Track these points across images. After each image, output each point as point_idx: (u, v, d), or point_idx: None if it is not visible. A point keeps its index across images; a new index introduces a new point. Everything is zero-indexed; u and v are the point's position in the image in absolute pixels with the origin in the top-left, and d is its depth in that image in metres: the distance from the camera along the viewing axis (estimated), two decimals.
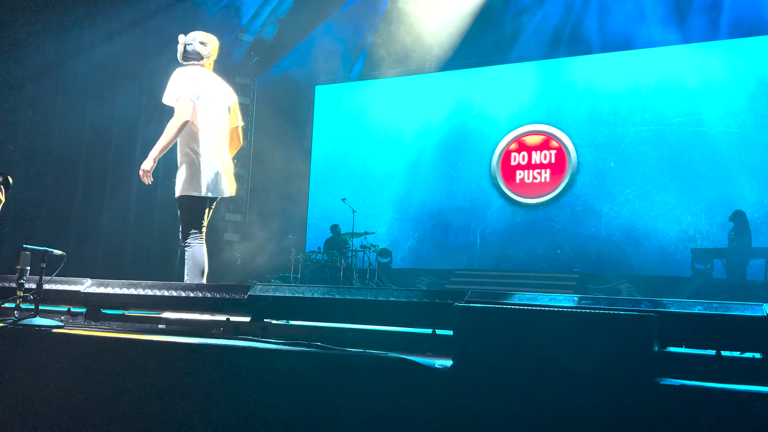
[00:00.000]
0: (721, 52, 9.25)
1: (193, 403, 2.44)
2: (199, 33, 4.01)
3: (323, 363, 2.29)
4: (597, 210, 9.75)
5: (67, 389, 2.67)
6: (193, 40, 3.95)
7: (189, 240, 3.88)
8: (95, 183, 9.01)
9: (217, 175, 3.91)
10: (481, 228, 10.49)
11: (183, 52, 3.96)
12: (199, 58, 3.96)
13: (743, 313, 2.10)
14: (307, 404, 2.22)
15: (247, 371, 2.40)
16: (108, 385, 2.61)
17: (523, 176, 10.30)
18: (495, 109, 10.60)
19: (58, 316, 3.33)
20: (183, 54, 3.96)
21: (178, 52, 3.98)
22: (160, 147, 3.76)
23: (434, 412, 2.02)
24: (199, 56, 3.95)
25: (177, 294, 3.16)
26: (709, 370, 2.07)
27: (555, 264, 9.84)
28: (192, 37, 3.97)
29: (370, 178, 11.32)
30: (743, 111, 8.98)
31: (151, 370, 2.57)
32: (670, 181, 9.32)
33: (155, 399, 2.52)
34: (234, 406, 2.36)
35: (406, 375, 2.09)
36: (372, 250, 9.93)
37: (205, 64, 3.99)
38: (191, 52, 3.95)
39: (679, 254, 9.02)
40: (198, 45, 3.95)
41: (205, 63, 3.99)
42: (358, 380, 2.18)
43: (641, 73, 9.66)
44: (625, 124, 9.71)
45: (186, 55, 3.96)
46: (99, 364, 2.67)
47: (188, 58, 3.96)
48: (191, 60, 3.96)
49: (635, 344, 1.82)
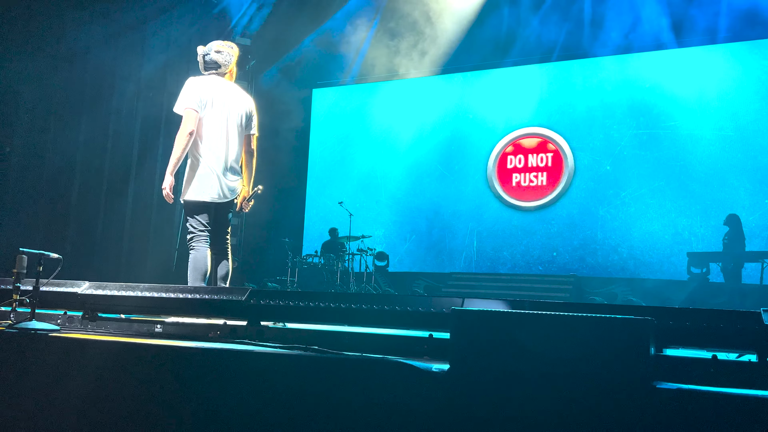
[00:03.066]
0: (716, 56, 9.30)
1: (190, 407, 2.44)
2: (217, 42, 4.10)
3: (321, 366, 2.30)
4: (593, 213, 9.77)
5: (63, 393, 2.66)
6: (209, 50, 4.04)
7: (193, 243, 3.90)
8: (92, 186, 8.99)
9: (219, 180, 3.93)
10: (478, 231, 10.50)
11: (203, 63, 4.06)
12: (216, 66, 4.04)
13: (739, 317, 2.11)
14: (305, 408, 2.22)
15: (244, 375, 2.39)
16: (105, 389, 2.61)
17: (519, 179, 10.32)
18: (492, 113, 10.63)
19: (54, 320, 3.32)
20: (203, 65, 4.07)
21: (199, 63, 4.08)
22: (173, 161, 3.86)
23: (431, 416, 2.02)
24: (216, 65, 4.03)
25: (174, 297, 3.16)
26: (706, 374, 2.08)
27: (551, 267, 9.86)
28: (209, 47, 4.06)
29: (367, 182, 11.33)
30: (738, 115, 9.03)
31: (148, 374, 2.56)
32: (665, 184, 9.36)
33: (152, 403, 2.52)
34: (231, 410, 2.36)
35: (404, 379, 2.10)
36: (369, 253, 9.93)
37: (224, 72, 4.06)
38: (209, 62, 4.04)
39: (674, 257, 9.05)
40: (214, 54, 4.03)
41: (224, 71, 4.06)
42: (355, 384, 2.18)
43: (637, 77, 9.71)
44: (621, 128, 9.75)
45: (205, 65, 4.06)
46: (95, 368, 2.67)
47: (208, 68, 4.06)
48: (210, 69, 4.05)
49: (632, 348, 1.82)
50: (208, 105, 3.92)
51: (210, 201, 3.94)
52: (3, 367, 2.82)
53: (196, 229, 3.92)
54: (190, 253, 3.89)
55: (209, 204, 3.95)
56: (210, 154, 3.92)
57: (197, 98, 3.89)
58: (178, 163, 3.87)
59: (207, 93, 3.93)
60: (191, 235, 3.92)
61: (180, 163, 3.89)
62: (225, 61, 4.03)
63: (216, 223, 4.03)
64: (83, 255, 8.44)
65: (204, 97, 3.91)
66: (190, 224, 3.93)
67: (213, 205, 3.98)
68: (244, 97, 4.14)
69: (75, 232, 8.76)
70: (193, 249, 3.89)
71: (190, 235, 3.93)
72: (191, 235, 3.92)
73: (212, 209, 3.99)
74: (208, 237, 3.94)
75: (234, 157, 4.04)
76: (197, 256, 3.87)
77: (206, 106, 3.92)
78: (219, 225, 4.05)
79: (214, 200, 3.95)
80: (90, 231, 8.89)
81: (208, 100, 3.92)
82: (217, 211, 4.03)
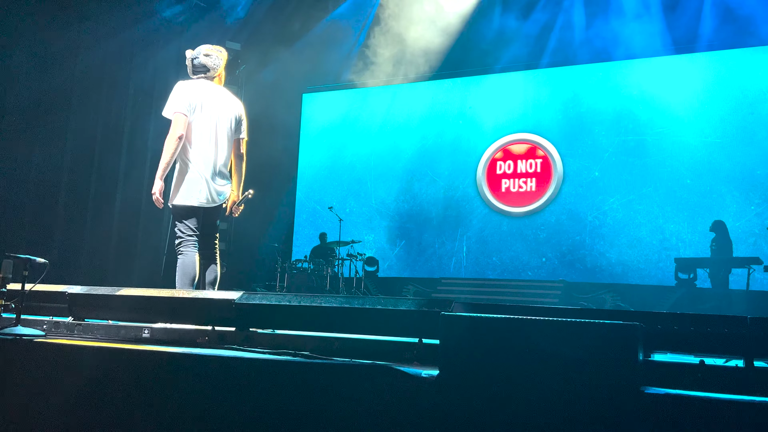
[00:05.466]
0: (702, 63, 9.40)
1: (178, 413, 2.42)
2: (205, 46, 4.07)
3: (310, 372, 2.28)
4: (581, 219, 9.82)
5: (48, 399, 2.63)
6: (198, 54, 4.02)
7: (181, 248, 3.87)
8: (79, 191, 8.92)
9: (207, 184, 3.91)
10: (467, 236, 10.52)
11: (191, 67, 4.03)
12: (205, 70, 4.01)
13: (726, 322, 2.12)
14: (294, 414, 2.21)
15: (232, 381, 2.38)
16: (91, 394, 2.58)
17: (508, 185, 10.36)
18: (481, 119, 10.67)
19: (40, 325, 3.28)
20: (192, 68, 4.03)
21: (187, 67, 4.04)
22: (162, 166, 3.83)
23: (420, 421, 2.02)
24: (205, 69, 4.01)
25: (163, 296, 3.13)
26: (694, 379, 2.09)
27: (540, 272, 9.90)
28: (198, 50, 4.04)
29: (357, 187, 11.33)
30: (724, 121, 9.12)
31: (135, 380, 2.54)
32: (653, 190, 9.43)
33: (139, 409, 2.49)
34: (220, 417, 2.34)
35: (393, 384, 2.09)
36: (358, 258, 9.91)
37: (213, 76, 4.04)
38: (198, 66, 4.01)
39: (662, 263, 9.11)
40: (203, 57, 4.01)
41: (213, 75, 4.03)
42: (344, 389, 2.17)
43: (625, 84, 9.79)
44: (609, 134, 9.82)
45: (194, 69, 4.03)
46: (82, 374, 2.64)
47: (196, 71, 4.03)
48: (198, 73, 4.02)
49: (620, 353, 1.83)
50: (197, 109, 3.90)
51: (198, 205, 3.92)
52: None
53: (185, 233, 3.90)
54: (179, 258, 3.86)
55: (197, 208, 3.93)
56: (199, 159, 3.90)
57: (186, 102, 3.87)
58: (167, 168, 3.85)
59: (196, 97, 3.91)
60: (179, 239, 3.89)
61: (169, 167, 3.87)
62: (214, 65, 4.02)
63: (204, 227, 4.00)
64: (70, 262, 8.36)
65: (193, 101, 3.89)
66: (179, 229, 3.91)
67: (201, 210, 3.96)
68: (233, 101, 4.13)
69: (61, 238, 8.68)
70: (181, 254, 3.86)
71: (178, 239, 3.90)
72: (179, 239, 3.89)
73: (200, 214, 3.97)
74: (196, 242, 3.92)
75: (223, 162, 4.02)
76: (185, 261, 3.84)
77: (195, 110, 3.90)
78: (207, 230, 4.03)
79: (203, 204, 3.93)
80: (77, 237, 8.81)
81: (197, 104, 3.90)
82: (205, 216, 4.01)
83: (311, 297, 2.87)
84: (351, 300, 2.80)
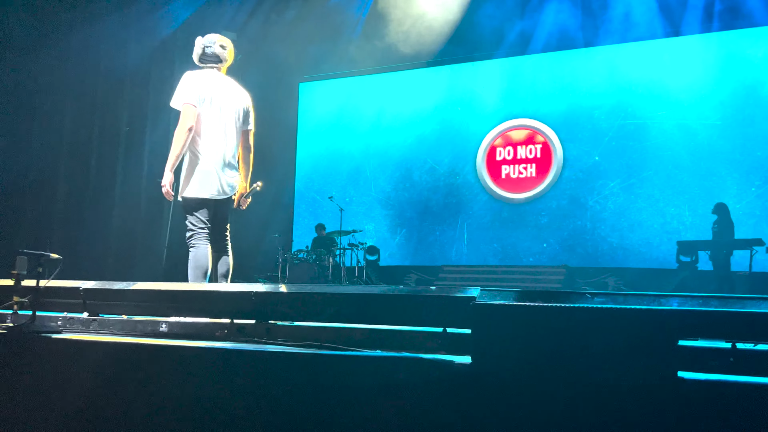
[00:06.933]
0: (702, 45, 9.38)
1: (199, 409, 2.39)
2: (218, 36, 3.95)
3: (336, 364, 2.25)
4: (582, 203, 9.83)
5: (65, 395, 2.60)
6: (212, 43, 3.88)
7: (192, 241, 3.82)
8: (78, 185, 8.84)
9: (218, 176, 3.85)
10: (468, 223, 10.51)
11: (201, 54, 3.89)
12: (217, 61, 3.91)
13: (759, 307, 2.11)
14: (321, 408, 2.19)
15: (254, 375, 2.34)
16: (109, 390, 2.55)
17: (508, 171, 10.34)
18: (480, 105, 10.63)
19: (55, 322, 3.24)
20: (200, 56, 3.90)
21: (194, 53, 3.90)
22: (172, 158, 3.73)
23: (454, 411, 2.00)
24: (217, 59, 3.91)
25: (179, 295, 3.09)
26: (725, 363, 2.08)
27: (541, 258, 9.91)
28: (211, 39, 3.90)
29: (357, 176, 11.28)
30: (724, 104, 9.12)
31: (154, 376, 2.50)
32: (653, 174, 9.43)
33: (158, 405, 2.46)
34: (242, 412, 2.31)
35: (424, 374, 2.07)
36: (360, 248, 9.89)
37: (221, 67, 3.94)
38: (210, 55, 3.89)
39: (663, 246, 9.14)
40: (218, 48, 3.89)
41: (222, 66, 3.94)
42: (372, 381, 2.15)
43: (624, 68, 9.76)
44: (609, 118, 9.80)
45: (203, 57, 3.90)
46: (99, 370, 2.60)
47: (205, 60, 3.90)
48: (208, 62, 3.91)
49: (658, 339, 1.82)
50: (206, 100, 3.83)
51: (209, 197, 3.87)
52: (5, 369, 2.75)
53: (196, 226, 3.85)
54: (190, 251, 3.81)
55: (209, 201, 3.88)
56: (209, 150, 3.84)
57: (196, 93, 3.79)
58: (177, 160, 3.77)
59: (205, 88, 3.83)
60: (191, 232, 3.85)
61: (179, 159, 3.81)
62: (225, 57, 3.95)
63: (215, 219, 3.96)
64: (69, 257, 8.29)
65: (202, 93, 3.82)
66: (190, 221, 3.86)
67: (212, 202, 3.91)
68: (241, 92, 4.06)
69: (60, 232, 8.61)
70: (193, 247, 3.81)
71: (189, 232, 3.85)
72: (191, 232, 3.85)
73: (211, 206, 3.92)
74: (208, 234, 3.87)
75: (232, 153, 3.96)
76: (197, 254, 3.79)
77: (205, 101, 3.82)
78: (218, 222, 3.99)
79: (214, 197, 3.88)
80: (76, 231, 8.74)
81: (206, 96, 3.83)
82: (216, 208, 3.96)
83: (332, 286, 2.85)
84: (374, 288, 2.78)
